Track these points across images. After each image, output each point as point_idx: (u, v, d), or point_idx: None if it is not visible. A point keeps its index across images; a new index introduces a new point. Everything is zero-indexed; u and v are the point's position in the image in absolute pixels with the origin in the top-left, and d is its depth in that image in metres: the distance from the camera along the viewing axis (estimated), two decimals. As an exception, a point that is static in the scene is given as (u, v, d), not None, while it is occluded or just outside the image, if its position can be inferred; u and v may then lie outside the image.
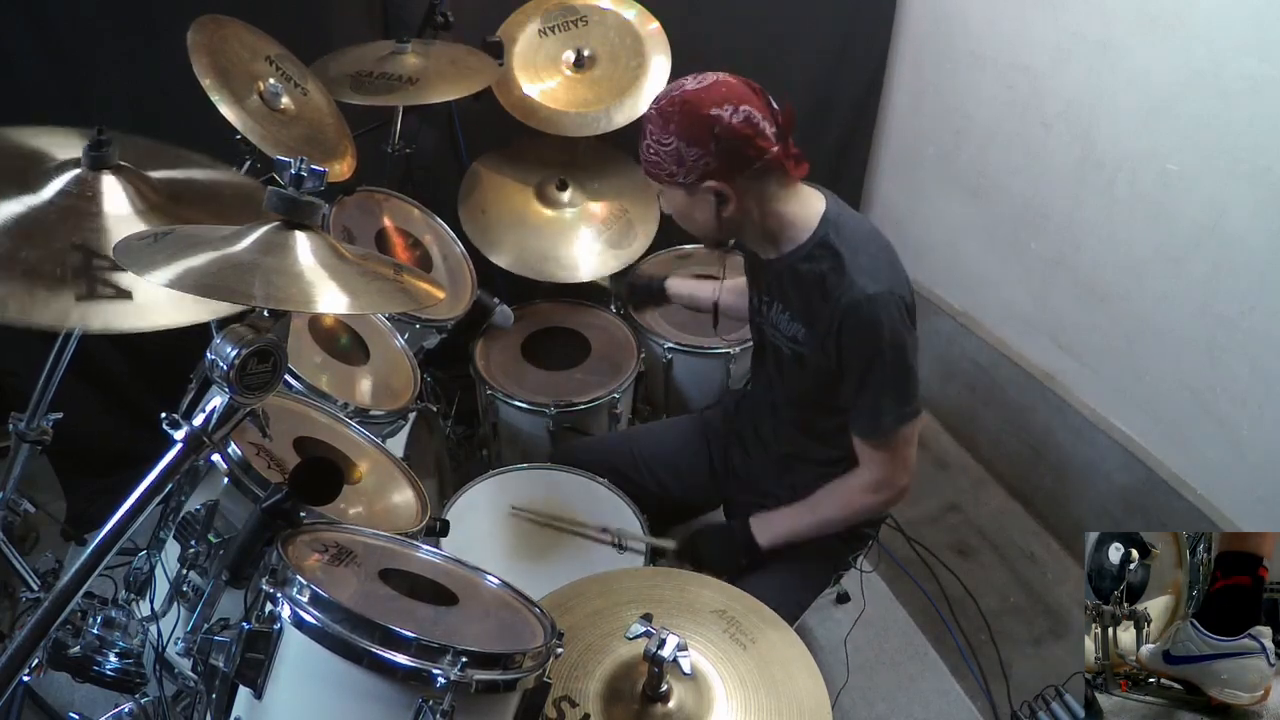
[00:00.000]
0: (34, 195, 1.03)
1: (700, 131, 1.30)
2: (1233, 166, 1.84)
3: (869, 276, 1.34)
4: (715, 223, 1.40)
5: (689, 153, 1.31)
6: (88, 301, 0.94)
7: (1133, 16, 1.98)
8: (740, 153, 1.31)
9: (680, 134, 1.31)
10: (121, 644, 1.19)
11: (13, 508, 1.38)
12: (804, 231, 1.41)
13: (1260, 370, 1.87)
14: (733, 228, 1.42)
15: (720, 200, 1.36)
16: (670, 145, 1.32)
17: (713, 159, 1.31)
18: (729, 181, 1.33)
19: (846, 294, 1.34)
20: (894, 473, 1.47)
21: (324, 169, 0.90)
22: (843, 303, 1.34)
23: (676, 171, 1.34)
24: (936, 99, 2.66)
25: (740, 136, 1.30)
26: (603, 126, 2.14)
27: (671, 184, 1.38)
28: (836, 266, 1.36)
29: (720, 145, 1.30)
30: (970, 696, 1.99)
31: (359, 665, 0.86)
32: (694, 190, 1.36)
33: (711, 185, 1.34)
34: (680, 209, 1.42)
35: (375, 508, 1.31)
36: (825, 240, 1.39)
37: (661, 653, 1.03)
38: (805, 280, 1.41)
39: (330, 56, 1.97)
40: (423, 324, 1.84)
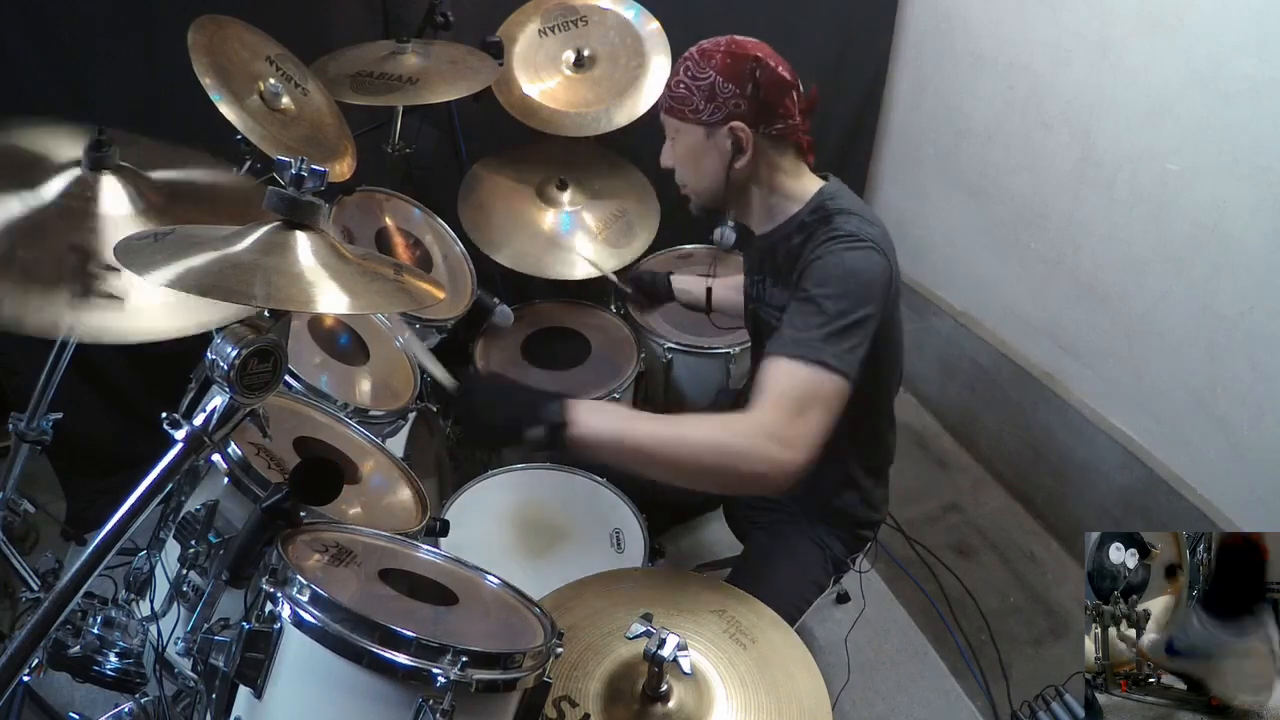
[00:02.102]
0: (35, 195, 1.03)
1: (740, 70, 1.32)
2: (1233, 166, 1.84)
3: (855, 229, 1.31)
4: (723, 174, 1.38)
5: (724, 89, 1.32)
6: (80, 304, 0.94)
7: (1133, 16, 1.98)
8: (771, 105, 1.33)
9: (720, 69, 1.32)
10: (121, 644, 1.19)
11: (13, 508, 1.38)
12: (798, 204, 1.40)
13: (1260, 370, 1.87)
14: (735, 188, 1.40)
15: (736, 149, 1.35)
16: (706, 80, 1.33)
17: (744, 101, 1.32)
18: (752, 129, 1.34)
19: (825, 234, 1.31)
20: (785, 430, 1.17)
21: (324, 169, 0.90)
22: (820, 238, 1.31)
23: (704, 108, 1.34)
24: (937, 99, 2.66)
25: (776, 86, 1.32)
26: (603, 126, 2.14)
27: (693, 121, 1.36)
28: (824, 219, 1.35)
29: (756, 89, 1.32)
30: (970, 696, 1.99)
31: (359, 665, 0.86)
32: (714, 132, 1.35)
33: (735, 127, 1.33)
34: (690, 153, 1.40)
35: (375, 508, 1.31)
36: (819, 205, 1.38)
37: (661, 653, 1.03)
38: (794, 245, 1.39)
39: (330, 56, 1.97)
40: (423, 324, 1.84)
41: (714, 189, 1.42)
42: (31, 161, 1.08)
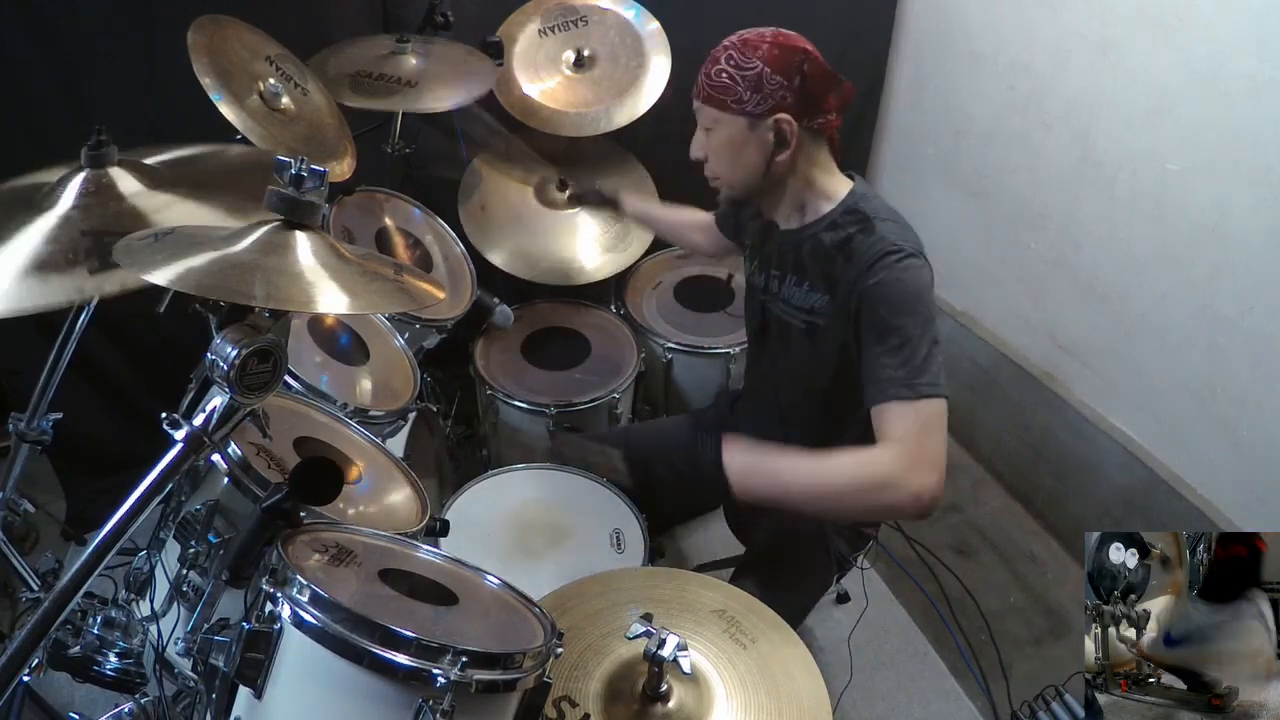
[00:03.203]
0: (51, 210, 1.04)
1: (790, 62, 1.30)
2: (1233, 166, 1.84)
3: (900, 239, 1.31)
4: (763, 167, 1.37)
5: (772, 80, 1.30)
6: (101, 274, 0.96)
7: (1133, 16, 1.98)
8: (816, 99, 1.33)
9: (768, 59, 1.30)
10: (121, 644, 1.19)
11: (13, 508, 1.38)
12: (830, 203, 1.40)
13: (1260, 370, 1.87)
14: (774, 181, 1.39)
15: (779, 141, 1.34)
16: (753, 70, 1.30)
17: (791, 94, 1.31)
18: (798, 122, 1.33)
19: (876, 247, 1.31)
20: (919, 456, 1.24)
21: (324, 169, 0.90)
22: (871, 255, 1.30)
23: (749, 99, 1.31)
24: (937, 99, 2.66)
25: (822, 79, 1.32)
26: (603, 126, 2.14)
27: (737, 112, 1.33)
28: (865, 228, 1.34)
29: (803, 82, 1.31)
30: (970, 696, 1.99)
31: (359, 665, 0.86)
32: (758, 124, 1.33)
33: (781, 119, 1.32)
34: (730, 143, 1.37)
35: (375, 508, 1.31)
36: (853, 207, 1.38)
37: (661, 653, 1.03)
38: (828, 247, 1.38)
39: (330, 51, 1.97)
40: (423, 324, 1.84)
41: (751, 181, 1.40)
42: (31, 190, 1.09)
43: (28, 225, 1.02)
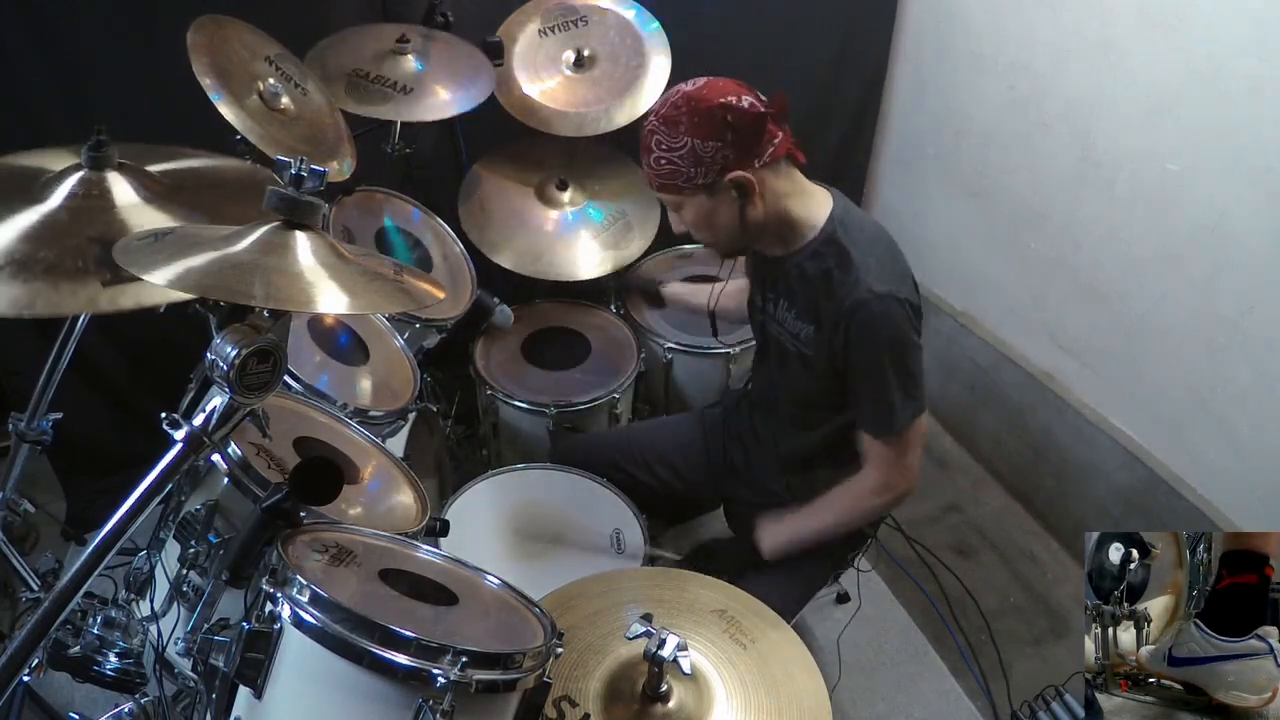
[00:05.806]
0: (42, 204, 1.04)
1: (713, 123, 1.29)
2: (1233, 166, 1.83)
3: (875, 276, 1.34)
4: (739, 224, 1.38)
5: (705, 148, 1.30)
6: (114, 286, 0.96)
7: (1133, 16, 1.98)
8: (754, 137, 1.31)
9: (692, 131, 1.30)
10: (121, 644, 1.19)
11: (13, 508, 1.38)
12: (812, 229, 1.41)
13: (1260, 370, 1.87)
14: (755, 230, 1.40)
15: (743, 195, 1.34)
16: (683, 147, 1.30)
17: (729, 149, 1.30)
18: (749, 169, 1.32)
19: (852, 293, 1.34)
20: (901, 473, 1.46)
21: (324, 169, 0.90)
22: (848, 302, 1.34)
23: (695, 173, 1.32)
24: (937, 99, 2.65)
25: (752, 119, 1.30)
26: (603, 126, 2.14)
27: (692, 190, 1.35)
28: (843, 264, 1.36)
29: (735, 133, 1.29)
30: (970, 696, 1.99)
31: (359, 665, 0.86)
32: (716, 190, 1.34)
33: (735, 177, 1.32)
34: (702, 216, 1.39)
35: (375, 508, 1.31)
36: (832, 237, 1.39)
37: (661, 653, 1.03)
38: (811, 277, 1.40)
39: (327, 43, 1.96)
40: (423, 324, 1.84)
41: (736, 237, 1.42)
42: (32, 175, 1.09)
43: (18, 215, 1.02)
